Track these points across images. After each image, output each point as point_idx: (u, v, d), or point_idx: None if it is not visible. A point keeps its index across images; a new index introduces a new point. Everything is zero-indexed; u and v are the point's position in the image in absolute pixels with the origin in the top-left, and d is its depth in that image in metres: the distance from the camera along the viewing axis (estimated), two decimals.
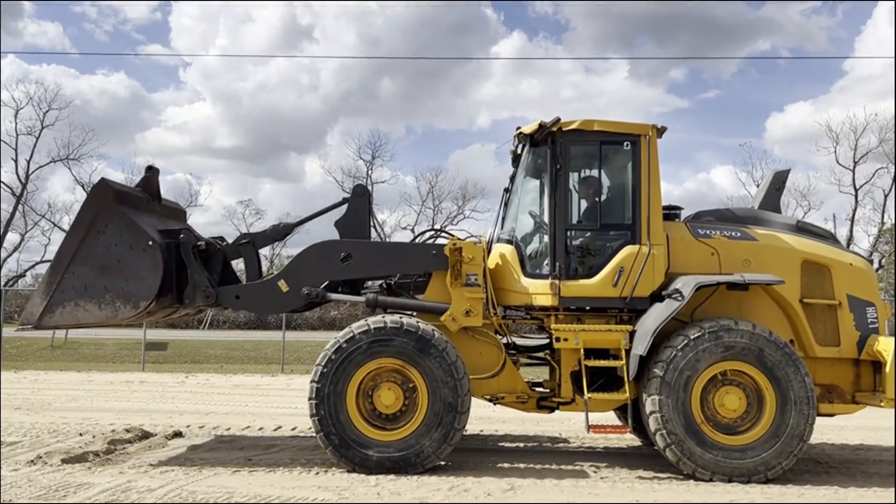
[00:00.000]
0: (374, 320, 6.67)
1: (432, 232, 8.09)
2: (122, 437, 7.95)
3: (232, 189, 70.19)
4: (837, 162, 38.23)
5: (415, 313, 7.32)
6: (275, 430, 8.98)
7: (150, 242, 6.81)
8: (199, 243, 7.26)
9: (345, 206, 7.58)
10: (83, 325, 7.04)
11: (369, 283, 7.85)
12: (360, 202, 7.56)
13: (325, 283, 7.27)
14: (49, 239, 43.44)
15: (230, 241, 7.65)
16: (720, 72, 67.67)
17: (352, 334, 6.58)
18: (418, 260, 7.30)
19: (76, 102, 66.76)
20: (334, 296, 7.37)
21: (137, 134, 66.86)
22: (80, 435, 8.29)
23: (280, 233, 7.70)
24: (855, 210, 38.24)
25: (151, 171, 7.50)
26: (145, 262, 6.79)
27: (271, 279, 7.33)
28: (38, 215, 41.91)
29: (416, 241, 7.92)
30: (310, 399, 6.53)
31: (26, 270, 43.98)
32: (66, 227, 40.27)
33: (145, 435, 8.26)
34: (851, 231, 38.09)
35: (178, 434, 8.50)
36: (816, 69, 74.17)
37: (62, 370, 17.29)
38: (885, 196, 37.80)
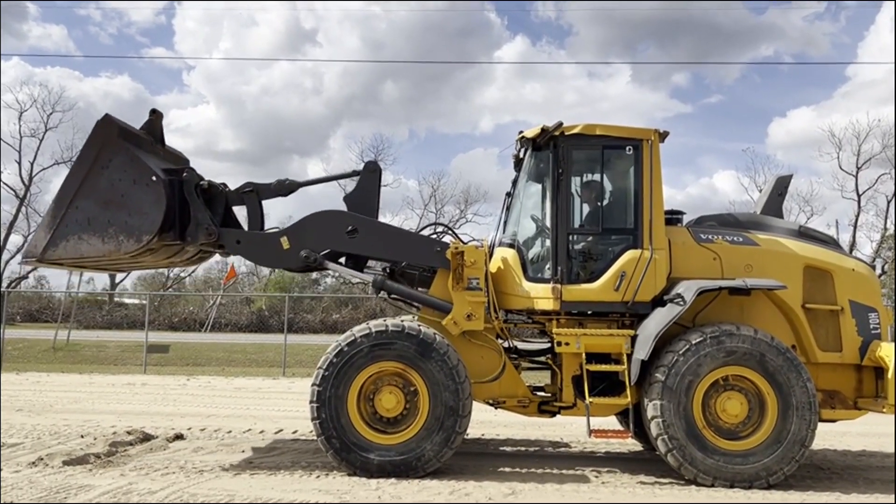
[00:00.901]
0: (376, 323, 6.66)
1: (441, 228, 8.03)
2: (123, 440, 7.95)
3: None
4: (840, 167, 38.18)
5: (415, 315, 7.33)
6: (276, 432, 8.98)
7: (154, 177, 6.81)
8: (201, 182, 7.25)
9: (348, 184, 7.59)
10: (86, 258, 6.96)
11: (372, 262, 7.79)
12: (370, 178, 7.53)
13: (327, 252, 7.25)
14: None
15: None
16: (723, 77, 67.81)
17: (353, 337, 6.58)
18: (422, 253, 7.29)
19: (80, 105, 66.90)
20: (332, 265, 7.35)
21: None
22: (82, 437, 8.29)
23: (284, 188, 7.56)
24: (857, 216, 38.17)
25: (155, 115, 7.45)
26: (148, 197, 6.79)
27: (275, 233, 7.33)
28: (41, 217, 41.91)
29: (424, 232, 7.84)
30: (311, 402, 6.52)
31: (29, 272, 43.97)
32: None
33: (147, 437, 8.26)
34: (854, 237, 38.01)
35: (179, 436, 8.50)
36: (819, 75, 74.38)
37: (64, 372, 17.30)
38: (888, 202, 37.66)
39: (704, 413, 6.41)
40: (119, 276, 43.86)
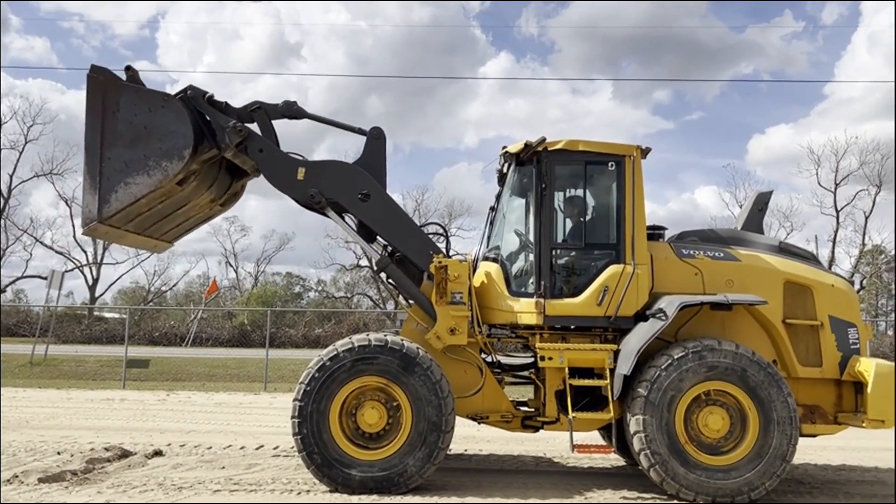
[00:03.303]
0: (359, 338, 6.63)
1: (439, 228, 7.99)
2: (100, 456, 7.83)
3: None
4: (819, 184, 38.69)
5: (397, 331, 7.31)
6: (257, 448, 8.88)
7: (166, 98, 6.93)
8: (207, 94, 7.27)
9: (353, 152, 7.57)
10: (142, 198, 6.91)
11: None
12: (376, 144, 7.54)
13: (334, 202, 7.29)
14: (31, 254, 42.93)
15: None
16: (703, 94, 68.68)
17: (336, 352, 6.54)
18: (416, 250, 7.28)
19: (62, 117, 66.40)
20: (334, 216, 7.38)
21: None
22: (59, 454, 8.16)
23: (292, 111, 7.55)
24: (836, 231, 38.63)
25: (130, 70, 7.33)
26: (170, 116, 6.88)
27: (296, 160, 7.38)
28: (20, 230, 41.45)
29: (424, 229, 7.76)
30: (292, 417, 6.47)
31: (7, 285, 43.45)
32: (49, 243, 39.58)
33: (125, 454, 8.14)
34: (833, 252, 38.44)
35: (158, 453, 8.38)
36: (797, 92, 75.56)
37: (41, 388, 17.03)
38: (866, 218, 38.24)
39: (686, 428, 6.43)
40: (99, 290, 43.52)
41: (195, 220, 8.21)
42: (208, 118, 7.24)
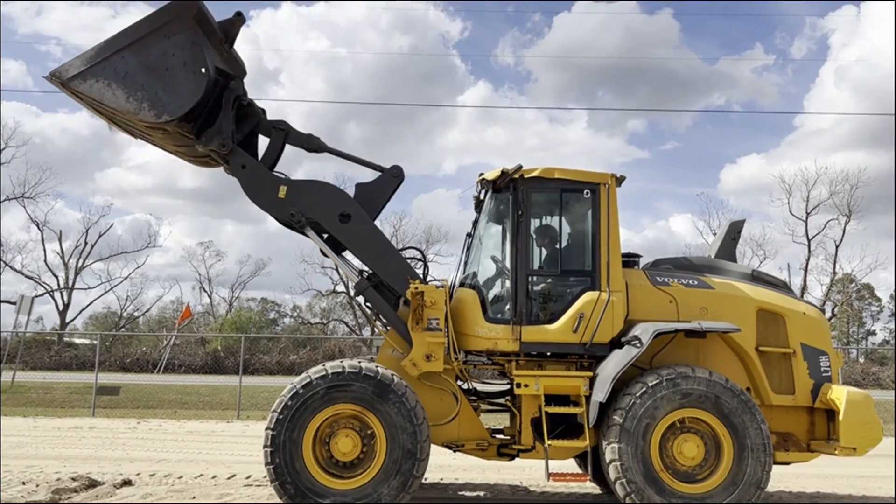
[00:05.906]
0: (332, 365, 6.56)
1: (417, 253, 7.96)
2: (67, 486, 7.63)
3: (192, 230, 69.58)
4: (791, 213, 39.39)
5: (374, 357, 7.26)
6: (228, 478, 8.72)
7: (203, 69, 6.81)
8: (242, 98, 7.24)
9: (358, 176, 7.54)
10: (104, 105, 6.81)
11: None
12: (390, 181, 7.55)
13: (314, 221, 7.23)
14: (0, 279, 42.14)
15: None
16: (676, 124, 69.94)
17: (309, 379, 6.46)
18: (394, 274, 7.22)
19: (36, 140, 66.07)
20: (313, 235, 7.31)
21: (97, 173, 66.33)
22: (23, 484, 7.94)
23: (311, 143, 7.55)
24: (808, 260, 39.26)
25: (239, 16, 7.29)
26: (189, 84, 6.77)
27: (278, 179, 7.32)
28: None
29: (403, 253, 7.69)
30: (265, 447, 6.35)
31: None
32: (19, 267, 38.82)
33: (92, 484, 7.94)
34: (805, 280, 39.02)
35: (127, 483, 8.19)
36: (768, 123, 77.20)
37: (7, 416, 16.60)
38: (837, 247, 38.94)
39: (662, 456, 6.42)
40: (70, 315, 42.76)
41: (157, 146, 8.08)
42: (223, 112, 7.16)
